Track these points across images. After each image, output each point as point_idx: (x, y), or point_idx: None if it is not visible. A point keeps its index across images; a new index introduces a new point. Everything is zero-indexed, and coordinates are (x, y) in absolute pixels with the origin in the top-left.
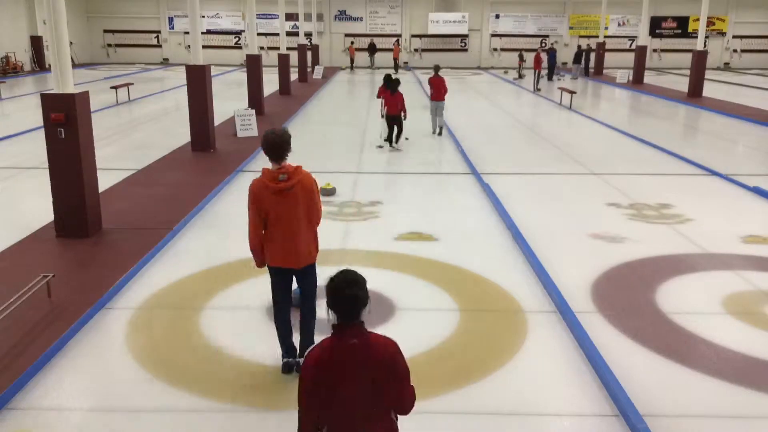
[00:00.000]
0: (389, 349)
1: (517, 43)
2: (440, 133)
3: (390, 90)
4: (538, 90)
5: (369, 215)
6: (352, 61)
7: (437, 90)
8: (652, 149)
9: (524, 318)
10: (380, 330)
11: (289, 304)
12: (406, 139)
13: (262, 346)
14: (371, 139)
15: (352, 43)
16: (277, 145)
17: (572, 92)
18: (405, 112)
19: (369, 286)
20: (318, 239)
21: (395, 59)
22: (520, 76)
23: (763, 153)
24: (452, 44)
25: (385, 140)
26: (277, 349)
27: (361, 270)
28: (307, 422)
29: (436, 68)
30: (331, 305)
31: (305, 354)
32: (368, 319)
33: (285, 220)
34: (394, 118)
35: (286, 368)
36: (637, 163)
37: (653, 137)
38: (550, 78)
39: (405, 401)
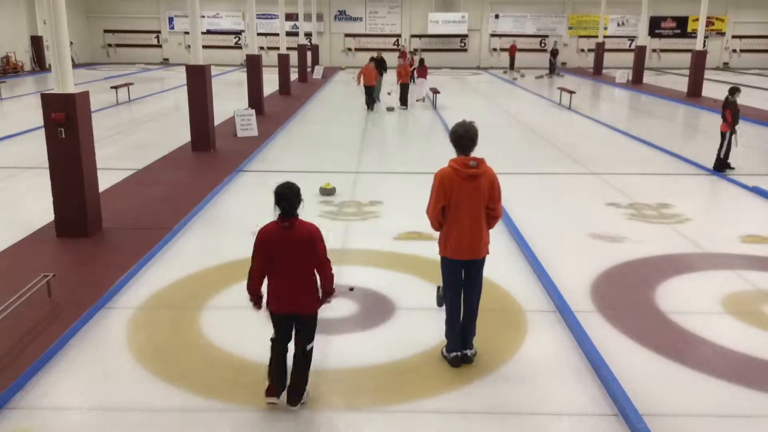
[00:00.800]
0: (310, 231)
1: (517, 42)
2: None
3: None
4: (514, 79)
5: (369, 215)
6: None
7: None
8: (651, 149)
9: (524, 317)
10: (380, 330)
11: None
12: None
13: (262, 346)
14: (371, 139)
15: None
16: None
17: (572, 92)
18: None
19: (368, 285)
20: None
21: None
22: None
23: (762, 153)
24: (452, 44)
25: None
26: None
27: (361, 270)
28: (253, 276)
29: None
30: (275, 202)
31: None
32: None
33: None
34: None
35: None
36: (637, 163)
37: (653, 137)
38: (549, 76)
39: (322, 264)
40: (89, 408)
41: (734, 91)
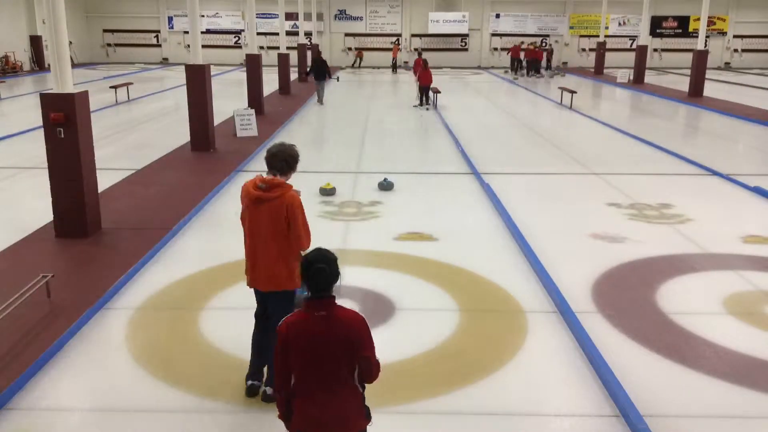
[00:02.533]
0: (354, 324)
1: (516, 42)
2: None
3: (423, 66)
4: (515, 79)
5: (369, 215)
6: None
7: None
8: (652, 149)
9: (524, 318)
10: (380, 330)
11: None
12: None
13: None
14: (371, 139)
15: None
16: (273, 154)
17: (573, 92)
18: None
19: (368, 286)
20: (292, 267)
21: (394, 58)
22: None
23: (763, 153)
24: (452, 44)
25: (419, 104)
26: None
27: (361, 270)
28: (279, 380)
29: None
30: (304, 279)
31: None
32: (364, 313)
33: (253, 233)
34: (425, 87)
35: (250, 391)
36: (638, 163)
37: (654, 137)
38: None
39: (369, 371)
40: (88, 408)
41: None
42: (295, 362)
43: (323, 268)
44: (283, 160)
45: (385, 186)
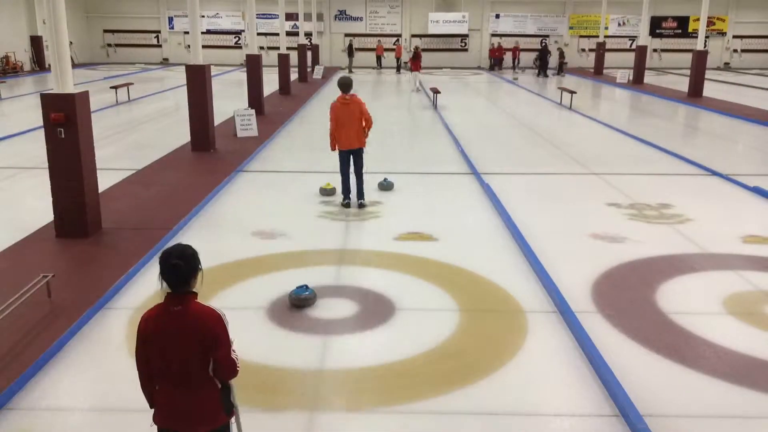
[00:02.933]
0: (209, 321)
1: (519, 42)
2: None
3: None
4: (515, 79)
5: (369, 215)
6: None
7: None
8: (652, 149)
9: (524, 318)
10: (380, 330)
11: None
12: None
13: (262, 346)
14: (371, 139)
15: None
16: (345, 83)
17: (573, 92)
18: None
19: (368, 286)
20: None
21: (398, 58)
22: (536, 67)
23: (763, 153)
24: (452, 44)
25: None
26: (276, 349)
27: (361, 270)
28: (141, 374)
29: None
30: (160, 274)
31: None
32: (365, 314)
33: (344, 122)
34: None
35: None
36: (638, 163)
37: (653, 137)
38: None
39: (222, 371)
40: (88, 409)
41: None
42: (153, 356)
43: (178, 264)
44: (349, 84)
45: (385, 186)
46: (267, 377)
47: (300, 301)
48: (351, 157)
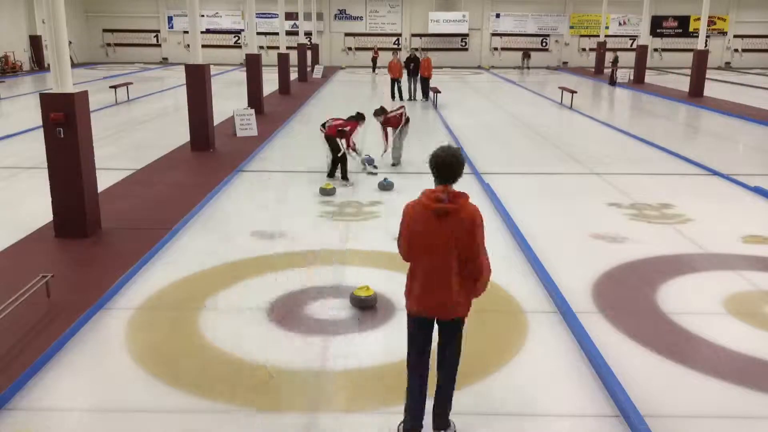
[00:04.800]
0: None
1: (517, 42)
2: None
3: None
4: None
5: (369, 215)
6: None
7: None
8: (653, 149)
9: (525, 318)
10: (381, 330)
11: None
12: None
13: (262, 347)
14: (371, 139)
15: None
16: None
17: (573, 92)
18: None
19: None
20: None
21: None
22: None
23: (764, 153)
24: (452, 43)
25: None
26: (276, 349)
27: (361, 270)
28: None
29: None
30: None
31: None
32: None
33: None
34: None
35: None
36: (638, 163)
37: (654, 137)
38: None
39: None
40: (88, 409)
41: None
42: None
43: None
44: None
45: (385, 186)
46: (266, 377)
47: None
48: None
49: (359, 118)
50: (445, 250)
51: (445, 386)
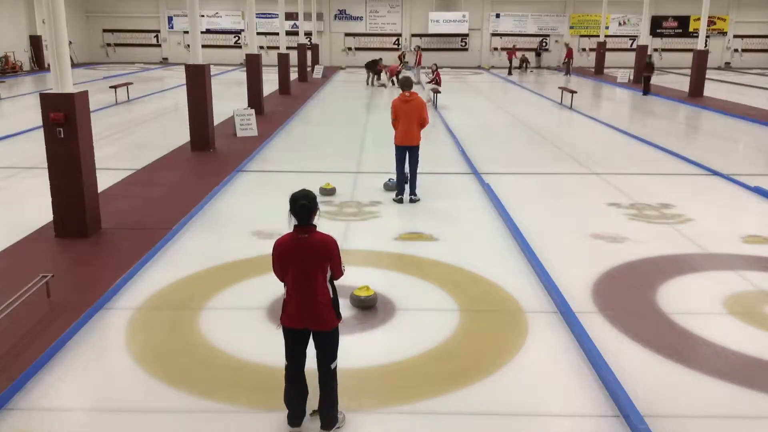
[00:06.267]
0: (327, 241)
1: (517, 42)
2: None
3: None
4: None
5: (369, 215)
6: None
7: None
8: (652, 149)
9: (524, 318)
10: (381, 330)
11: None
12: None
13: (262, 347)
14: (371, 139)
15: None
16: (407, 83)
17: (573, 92)
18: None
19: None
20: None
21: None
22: (510, 73)
23: (764, 153)
24: (452, 43)
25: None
26: (275, 351)
27: (362, 270)
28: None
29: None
30: (290, 211)
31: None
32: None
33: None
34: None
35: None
36: (638, 163)
37: (654, 137)
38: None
39: (336, 272)
40: (88, 409)
41: None
42: (285, 267)
43: (306, 205)
44: (410, 83)
45: (390, 186)
46: (267, 377)
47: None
48: (407, 153)
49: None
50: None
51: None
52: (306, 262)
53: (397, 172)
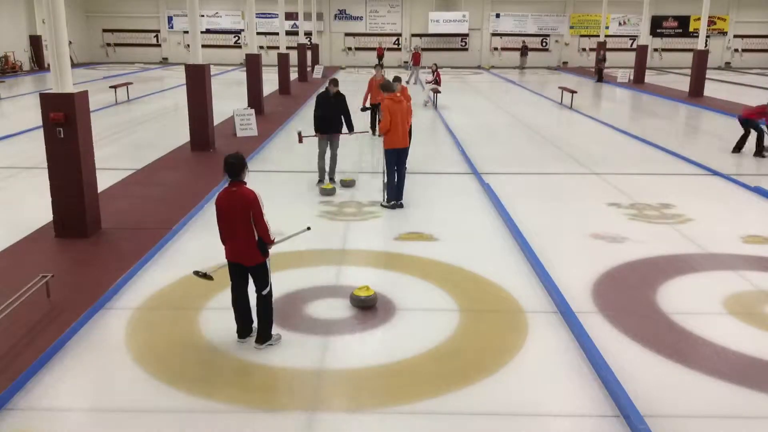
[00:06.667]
0: (249, 195)
1: (517, 42)
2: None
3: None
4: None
5: (369, 215)
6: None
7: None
8: (653, 149)
9: (525, 318)
10: (381, 330)
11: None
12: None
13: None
14: (371, 139)
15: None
16: (388, 86)
17: (573, 92)
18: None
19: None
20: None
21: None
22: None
23: None
24: (452, 43)
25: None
26: (275, 350)
27: (362, 270)
28: (220, 231)
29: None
30: (223, 169)
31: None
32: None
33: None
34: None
35: None
36: (638, 163)
37: (654, 137)
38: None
39: (259, 226)
40: (88, 409)
41: None
42: (219, 218)
43: (233, 162)
44: (391, 87)
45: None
46: (267, 377)
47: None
48: (400, 156)
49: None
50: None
51: None
52: (232, 211)
53: (390, 177)
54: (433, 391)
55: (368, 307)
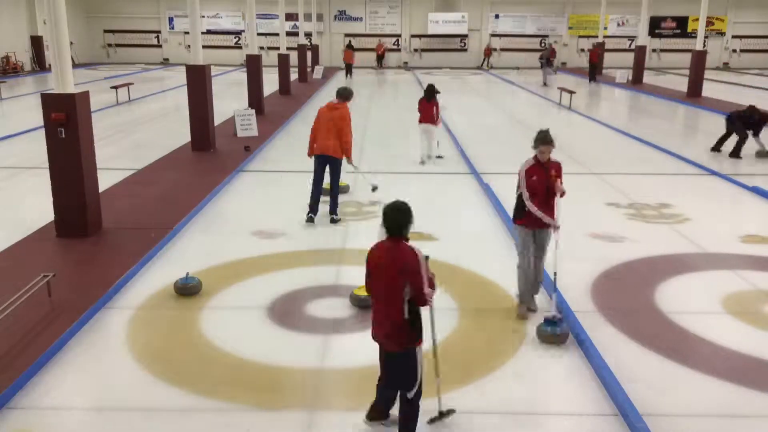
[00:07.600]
0: (410, 255)
1: (516, 43)
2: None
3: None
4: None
5: (369, 215)
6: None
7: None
8: (651, 149)
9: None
10: None
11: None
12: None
13: (262, 346)
14: (371, 140)
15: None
16: (342, 93)
17: (572, 92)
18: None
19: None
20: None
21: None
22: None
23: None
24: (452, 44)
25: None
26: (275, 350)
27: (362, 270)
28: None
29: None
30: (382, 223)
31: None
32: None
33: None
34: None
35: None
36: (637, 163)
37: (653, 137)
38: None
39: (417, 293)
40: (89, 408)
41: None
42: (369, 274)
43: (396, 218)
44: (345, 95)
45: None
46: (266, 377)
47: (185, 289)
48: (327, 166)
49: None
50: None
51: None
52: (383, 274)
53: (312, 187)
54: (432, 390)
55: (368, 307)
